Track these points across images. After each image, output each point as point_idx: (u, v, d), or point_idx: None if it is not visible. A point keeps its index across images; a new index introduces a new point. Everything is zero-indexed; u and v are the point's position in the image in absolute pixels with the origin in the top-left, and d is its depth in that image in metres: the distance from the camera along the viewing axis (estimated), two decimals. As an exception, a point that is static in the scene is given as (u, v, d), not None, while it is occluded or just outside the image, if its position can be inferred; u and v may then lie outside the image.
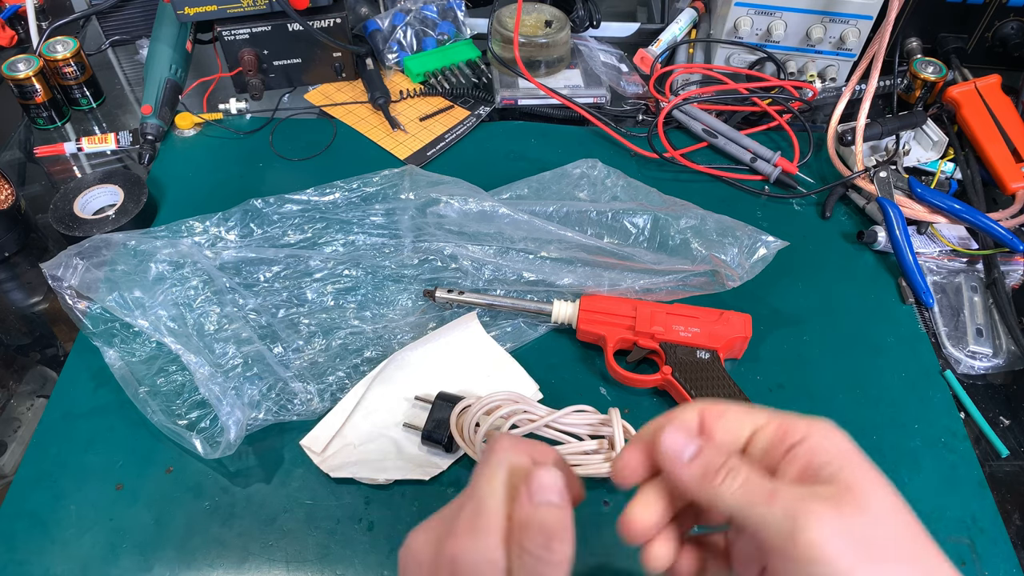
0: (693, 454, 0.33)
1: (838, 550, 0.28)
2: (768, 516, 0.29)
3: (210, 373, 0.58)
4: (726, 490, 0.31)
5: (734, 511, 0.31)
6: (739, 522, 0.31)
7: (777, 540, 0.29)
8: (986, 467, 0.57)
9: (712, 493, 0.31)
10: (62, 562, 0.51)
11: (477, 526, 0.33)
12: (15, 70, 0.81)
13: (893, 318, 0.68)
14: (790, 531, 0.28)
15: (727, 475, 0.31)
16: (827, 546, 0.28)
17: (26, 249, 0.74)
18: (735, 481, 0.31)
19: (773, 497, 0.30)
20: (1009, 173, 0.76)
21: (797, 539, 0.28)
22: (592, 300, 0.63)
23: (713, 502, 0.31)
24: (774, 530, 0.29)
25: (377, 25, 0.93)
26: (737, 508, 0.31)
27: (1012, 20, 0.88)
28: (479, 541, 0.33)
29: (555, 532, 0.32)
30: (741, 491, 0.31)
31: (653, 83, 0.88)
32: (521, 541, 0.33)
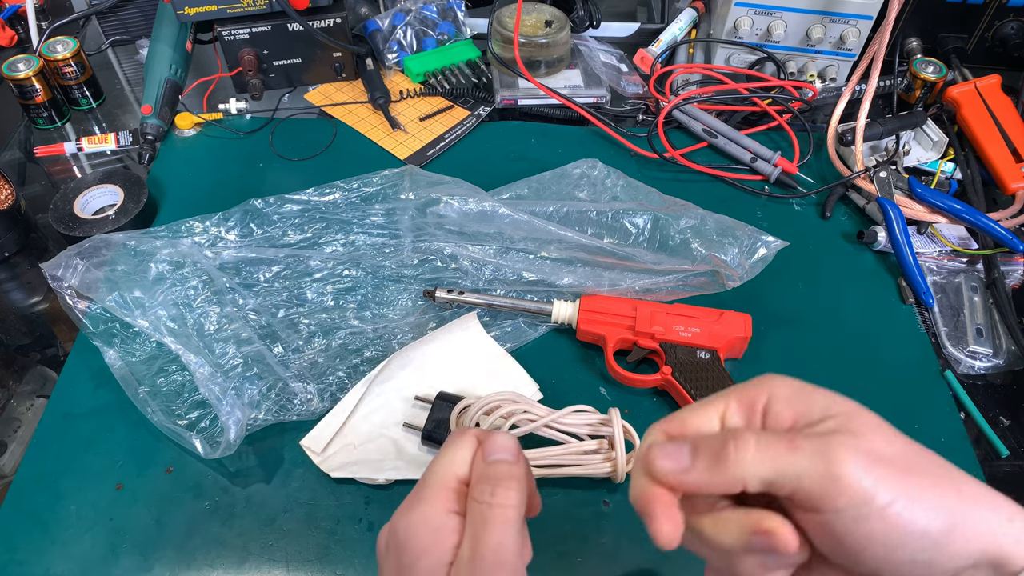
0: (690, 452, 0.31)
1: (878, 475, 0.28)
2: (799, 465, 0.28)
3: (210, 373, 0.58)
4: (744, 460, 0.29)
5: (763, 476, 0.29)
6: (773, 484, 0.29)
7: (818, 486, 0.28)
8: (986, 467, 0.57)
9: (732, 472, 0.29)
10: (62, 562, 0.51)
11: (418, 497, 0.36)
12: (15, 70, 0.81)
13: (893, 318, 0.68)
14: (826, 471, 0.28)
15: (736, 447, 0.29)
16: (866, 475, 0.27)
17: (26, 249, 0.74)
18: (747, 447, 0.29)
19: (793, 445, 0.29)
20: (1009, 173, 0.76)
21: (837, 476, 0.27)
22: (592, 300, 0.63)
23: (740, 480, 0.29)
24: (810, 477, 0.28)
25: (377, 25, 0.93)
26: (764, 471, 0.29)
27: (1012, 20, 0.88)
28: (417, 508, 0.36)
29: (500, 481, 0.35)
30: (759, 453, 0.29)
31: (653, 83, 0.88)
32: (471, 494, 0.35)
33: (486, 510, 0.34)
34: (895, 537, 0.28)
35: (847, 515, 0.28)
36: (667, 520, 0.30)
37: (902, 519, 0.28)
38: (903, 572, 0.29)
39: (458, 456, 0.37)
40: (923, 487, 0.28)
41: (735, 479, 0.29)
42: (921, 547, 0.28)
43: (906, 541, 0.28)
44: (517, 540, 0.34)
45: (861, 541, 0.28)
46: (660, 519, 0.30)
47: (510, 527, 0.34)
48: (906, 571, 0.29)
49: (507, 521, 0.34)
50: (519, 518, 0.35)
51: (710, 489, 0.30)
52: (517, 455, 0.37)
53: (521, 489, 0.36)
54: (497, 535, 0.34)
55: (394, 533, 0.36)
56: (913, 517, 0.28)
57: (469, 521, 0.35)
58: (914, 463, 0.29)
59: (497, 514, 0.34)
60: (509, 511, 0.34)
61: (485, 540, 0.33)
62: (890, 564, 0.29)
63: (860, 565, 0.29)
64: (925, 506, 0.28)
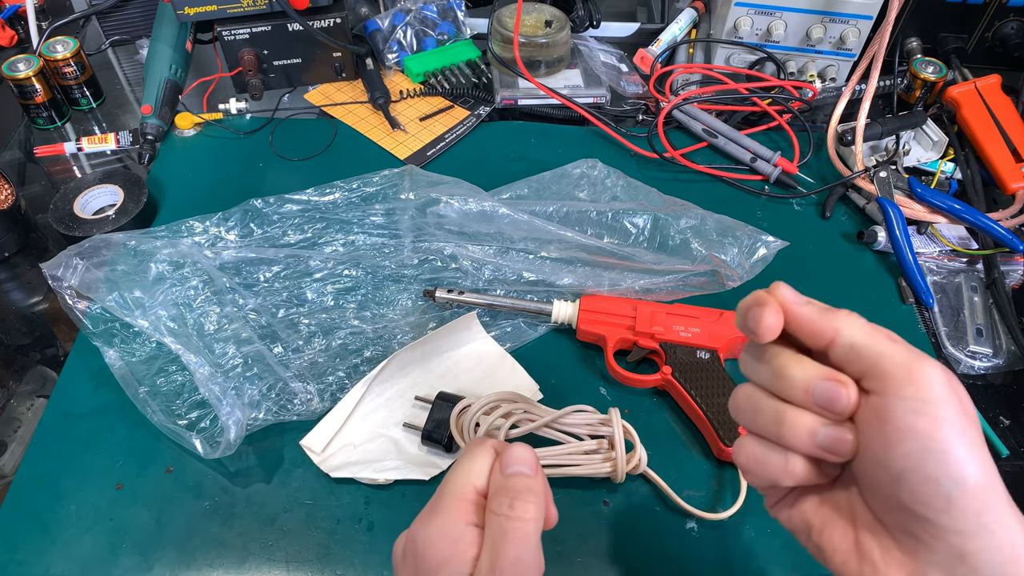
0: (806, 299, 0.34)
1: (949, 396, 0.30)
2: (889, 348, 0.31)
3: (210, 373, 0.58)
4: (847, 320, 0.32)
5: (858, 341, 0.31)
6: (858, 352, 0.31)
7: (895, 369, 0.30)
8: (986, 467, 0.57)
9: (838, 323, 0.32)
10: (62, 562, 0.51)
11: (436, 508, 0.37)
12: (15, 70, 0.81)
13: (893, 318, 0.68)
14: (908, 363, 0.30)
15: (847, 313, 0.33)
16: (940, 385, 0.30)
17: (26, 249, 0.74)
18: (855, 317, 0.33)
19: (893, 338, 0.31)
20: (1009, 173, 0.76)
21: (916, 370, 0.30)
22: (592, 300, 0.63)
23: (837, 331, 0.32)
24: (892, 360, 0.30)
25: (377, 25, 0.93)
26: (860, 337, 0.31)
27: (1012, 20, 0.88)
28: (435, 518, 0.36)
29: (518, 494, 0.35)
30: (862, 326, 0.32)
31: (653, 83, 0.88)
32: (489, 506, 0.35)
33: (505, 523, 0.35)
34: (935, 444, 0.29)
35: (905, 404, 0.30)
36: (774, 314, 0.33)
37: (950, 436, 0.29)
38: (921, 493, 0.29)
39: (476, 467, 0.38)
40: (977, 439, 0.30)
41: (832, 328, 0.32)
42: (950, 474, 0.29)
43: (944, 458, 0.29)
44: (535, 553, 0.35)
45: (905, 432, 0.29)
46: (769, 310, 0.33)
47: (528, 540, 0.34)
48: (926, 492, 0.29)
49: (526, 535, 0.34)
50: (537, 531, 0.35)
51: (809, 326, 0.33)
52: (535, 468, 0.37)
53: (539, 503, 0.36)
54: (516, 548, 0.34)
55: (412, 541, 0.37)
56: (960, 442, 0.29)
57: (488, 534, 0.35)
58: (979, 429, 0.31)
59: (516, 527, 0.34)
60: (528, 524, 0.35)
61: (504, 553, 0.34)
62: (916, 475, 0.29)
63: (890, 463, 0.30)
64: (971, 449, 0.29)
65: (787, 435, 0.33)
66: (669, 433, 0.59)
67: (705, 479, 0.56)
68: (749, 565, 0.52)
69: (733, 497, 0.54)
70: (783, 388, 0.33)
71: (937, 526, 0.29)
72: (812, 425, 0.32)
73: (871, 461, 0.31)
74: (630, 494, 0.55)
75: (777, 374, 0.33)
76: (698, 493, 0.55)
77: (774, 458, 0.34)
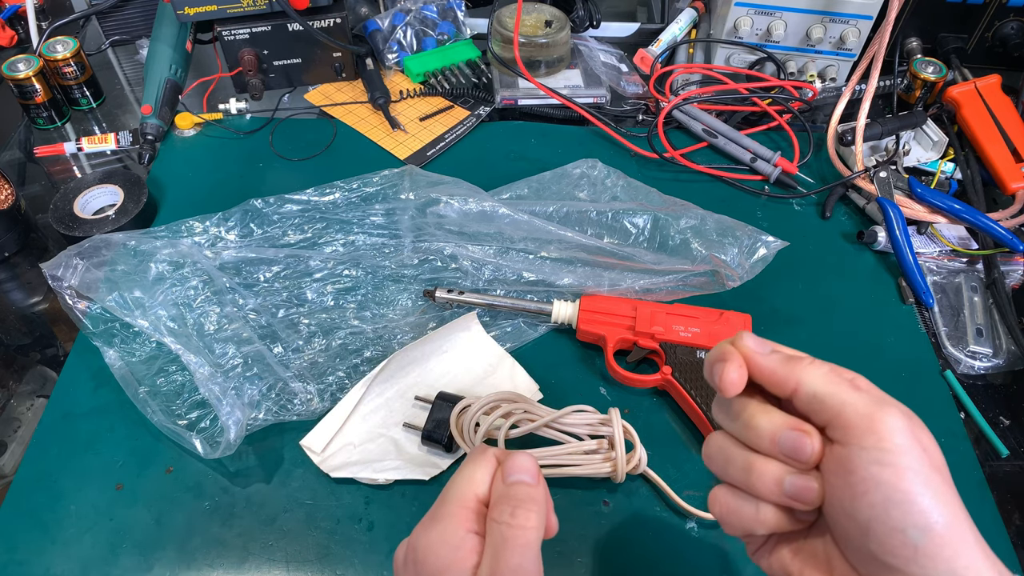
0: (770, 348, 0.35)
1: (911, 445, 0.30)
2: (850, 398, 0.31)
3: (210, 373, 0.58)
4: (810, 371, 0.33)
5: (819, 391, 0.32)
6: (821, 402, 0.32)
7: (856, 419, 0.31)
8: (986, 467, 0.57)
9: (799, 373, 0.33)
10: (62, 562, 0.51)
11: (437, 515, 0.37)
12: (15, 70, 0.81)
13: (893, 318, 0.68)
14: (868, 412, 0.31)
15: (810, 362, 0.34)
16: (901, 435, 0.30)
17: (26, 249, 0.74)
18: (819, 366, 0.33)
19: (855, 385, 0.32)
20: (1009, 173, 0.76)
21: (877, 419, 0.30)
22: (592, 300, 0.63)
23: (798, 382, 0.33)
24: (854, 410, 0.31)
25: (377, 25, 0.93)
26: (822, 387, 0.32)
27: (1012, 20, 0.88)
28: (436, 526, 0.36)
29: (520, 502, 0.35)
30: (825, 375, 0.33)
31: (653, 83, 0.88)
32: (491, 515, 0.36)
33: (506, 531, 0.35)
34: (899, 495, 0.29)
35: (868, 455, 0.30)
36: (737, 369, 0.34)
37: (913, 486, 0.29)
38: (888, 543, 0.30)
39: (477, 475, 0.38)
40: (942, 486, 0.30)
41: (794, 379, 0.33)
42: (915, 523, 0.29)
43: (908, 508, 0.29)
44: (535, 562, 0.35)
45: (869, 483, 0.30)
46: (731, 366, 0.34)
47: (529, 549, 0.34)
48: (893, 542, 0.29)
49: (527, 543, 0.34)
50: (538, 540, 0.35)
51: (771, 376, 0.34)
52: (537, 476, 0.38)
53: (540, 511, 0.36)
54: (516, 557, 0.34)
55: (413, 549, 0.37)
56: (923, 491, 0.29)
57: (489, 542, 0.35)
58: (944, 474, 0.31)
59: (517, 535, 0.34)
60: (529, 533, 0.35)
61: (505, 561, 0.34)
62: (882, 525, 0.30)
63: (857, 514, 0.30)
64: (936, 497, 0.30)
65: (756, 484, 0.34)
66: (669, 433, 0.59)
67: (705, 479, 0.56)
68: (749, 565, 0.52)
69: (733, 497, 0.54)
70: (751, 438, 0.34)
71: (906, 575, 0.30)
72: (778, 474, 0.33)
73: (839, 511, 0.31)
74: (630, 494, 0.55)
75: (745, 424, 0.34)
76: (698, 493, 0.55)
77: (746, 508, 0.35)
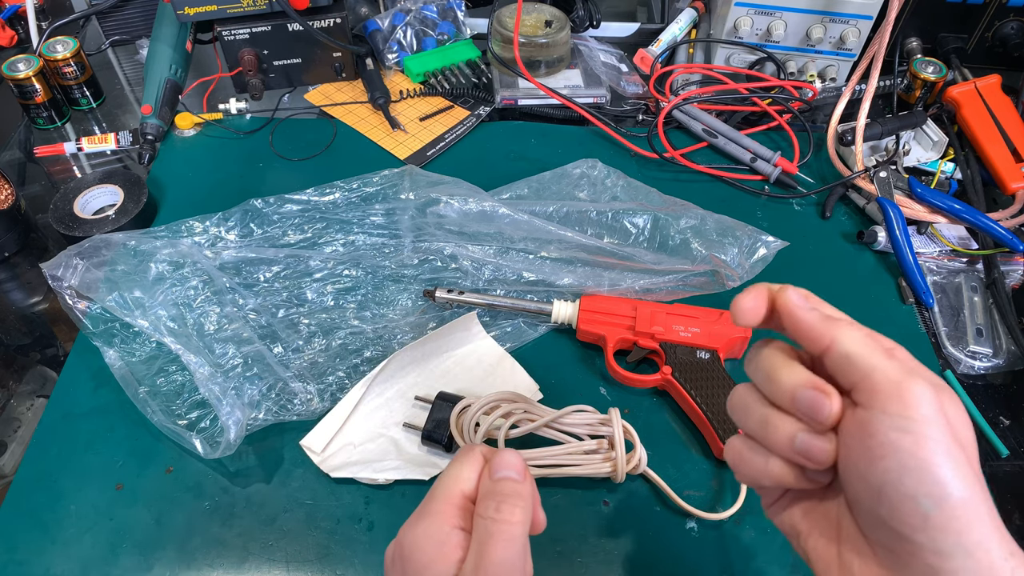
0: (812, 307, 0.35)
1: (936, 415, 0.30)
2: (882, 363, 0.31)
3: (210, 373, 0.58)
4: (846, 330, 0.33)
5: (853, 352, 0.32)
6: (852, 364, 0.32)
7: (884, 384, 0.31)
8: (986, 467, 0.57)
9: (835, 332, 0.33)
10: (62, 562, 0.51)
11: (424, 512, 0.38)
12: (15, 70, 0.81)
13: (893, 318, 0.68)
14: (898, 379, 0.30)
15: (849, 323, 0.33)
16: (927, 405, 0.30)
17: (26, 249, 0.73)
18: (856, 328, 0.33)
19: (891, 354, 0.32)
20: (1009, 173, 0.76)
21: (904, 387, 0.30)
22: (592, 300, 0.63)
23: (833, 339, 0.33)
24: (883, 375, 0.31)
25: (377, 25, 0.93)
26: (857, 350, 0.32)
27: (1012, 20, 0.88)
28: (422, 522, 0.37)
29: (505, 498, 0.36)
30: (861, 337, 0.32)
31: (653, 83, 0.88)
32: (477, 510, 0.36)
33: (491, 525, 0.35)
34: (916, 462, 0.29)
35: (889, 421, 0.30)
36: (754, 299, 0.35)
37: (932, 456, 0.29)
38: (899, 510, 0.30)
39: (464, 473, 0.38)
40: (961, 461, 0.30)
41: (829, 336, 0.33)
42: (930, 492, 0.29)
43: (923, 476, 0.29)
44: (521, 556, 0.35)
45: (887, 447, 0.30)
46: (749, 294, 0.35)
47: (514, 543, 0.35)
48: (904, 509, 0.29)
49: (512, 537, 0.35)
50: (523, 535, 0.36)
51: (808, 331, 0.34)
52: (523, 473, 0.38)
53: (526, 507, 0.36)
54: (501, 550, 0.34)
55: (400, 546, 0.37)
56: (941, 462, 0.29)
57: (474, 537, 0.35)
58: (970, 452, 0.31)
59: (502, 530, 0.35)
60: (514, 527, 0.35)
61: (489, 555, 0.34)
62: (894, 491, 0.30)
63: (870, 477, 0.30)
64: (955, 469, 0.29)
65: (769, 437, 0.34)
66: (669, 433, 0.59)
67: (705, 479, 0.56)
68: (749, 565, 0.52)
69: (733, 497, 0.54)
70: (772, 391, 0.34)
71: (914, 543, 0.30)
72: (791, 430, 0.33)
73: (854, 474, 0.31)
74: (630, 494, 0.55)
75: (768, 377, 0.34)
76: (698, 493, 0.55)
77: (757, 458, 0.35)
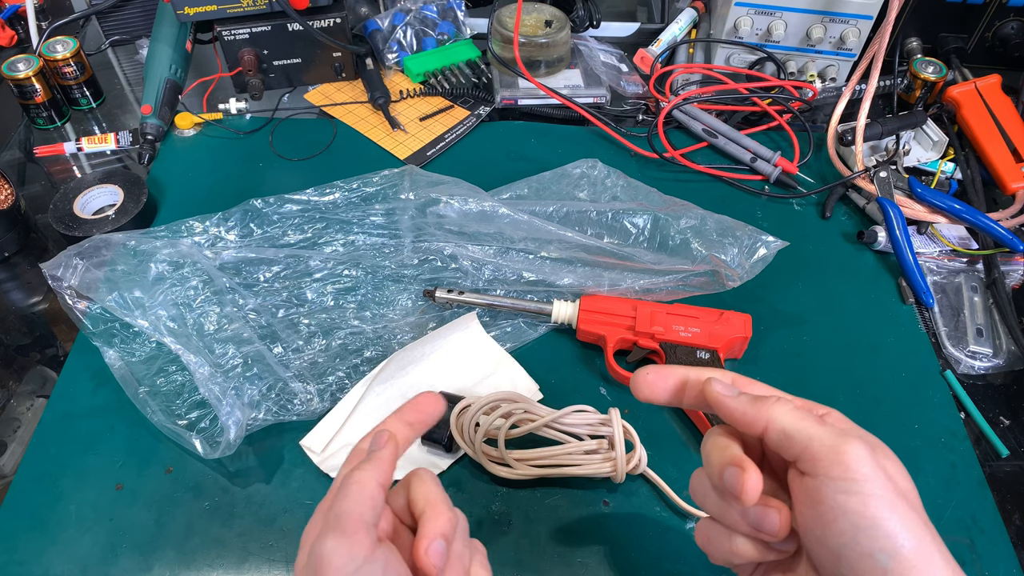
0: (737, 390, 0.37)
1: (876, 473, 0.32)
2: (818, 432, 0.33)
3: (210, 373, 0.58)
4: (776, 409, 0.34)
5: (787, 427, 0.34)
6: (790, 438, 0.34)
7: (823, 452, 0.32)
8: (986, 467, 0.57)
9: (768, 413, 0.34)
10: (62, 562, 0.51)
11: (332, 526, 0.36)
12: (15, 70, 0.81)
13: (893, 318, 0.68)
14: (835, 445, 0.32)
15: (776, 400, 0.35)
16: (866, 464, 0.32)
17: (26, 249, 0.73)
18: (786, 403, 0.35)
19: (822, 420, 0.34)
20: (1009, 173, 0.76)
21: (842, 451, 0.32)
22: (592, 300, 0.63)
23: (768, 420, 0.34)
24: (820, 443, 0.33)
25: (377, 25, 0.93)
26: (791, 424, 0.34)
27: (1012, 20, 0.88)
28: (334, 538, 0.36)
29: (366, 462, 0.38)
30: (791, 412, 0.34)
31: (653, 83, 0.88)
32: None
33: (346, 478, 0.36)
34: (865, 521, 0.31)
35: (834, 485, 0.32)
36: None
37: (879, 512, 0.31)
38: (861, 568, 0.31)
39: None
40: (907, 511, 0.31)
41: (763, 419, 0.35)
42: (884, 547, 0.30)
43: (875, 533, 0.31)
44: (368, 505, 0.35)
45: (836, 511, 0.31)
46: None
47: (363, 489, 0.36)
48: (863, 567, 0.31)
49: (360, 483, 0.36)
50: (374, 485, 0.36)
51: (742, 418, 0.35)
52: (383, 442, 0.39)
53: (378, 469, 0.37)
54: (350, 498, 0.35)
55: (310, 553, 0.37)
56: (888, 516, 0.31)
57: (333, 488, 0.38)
58: (912, 500, 0.33)
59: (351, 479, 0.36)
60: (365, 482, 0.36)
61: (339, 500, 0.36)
62: (852, 551, 0.31)
63: (827, 541, 0.32)
64: (902, 522, 0.31)
65: (726, 517, 0.36)
66: (669, 433, 0.59)
67: (705, 479, 0.56)
68: (749, 565, 0.52)
69: (733, 497, 0.54)
70: (710, 474, 0.36)
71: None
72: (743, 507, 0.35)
73: (813, 539, 0.33)
74: (630, 494, 0.55)
75: (706, 461, 0.37)
76: (698, 493, 0.55)
77: (723, 539, 0.37)
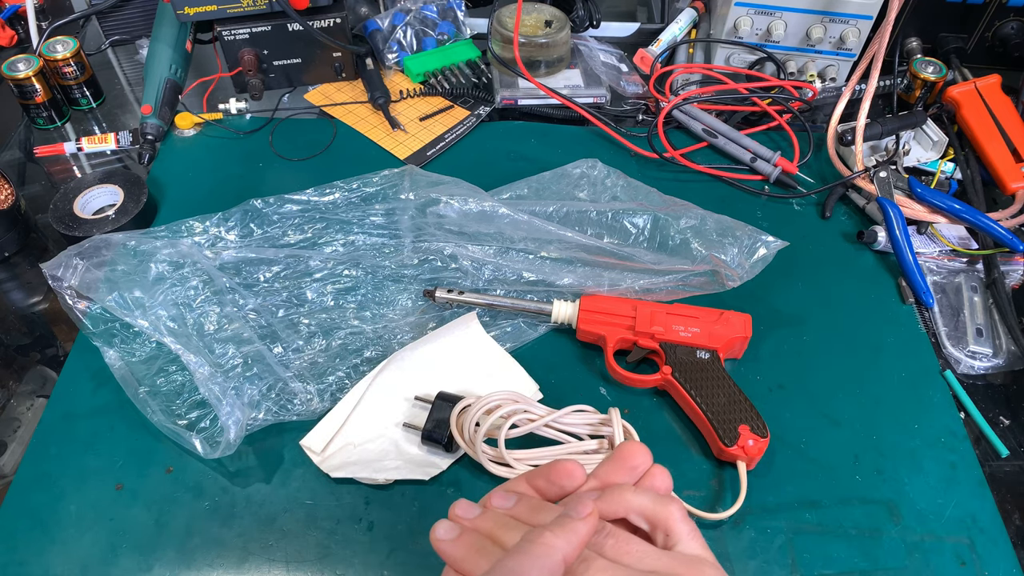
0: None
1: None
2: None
3: (210, 373, 0.58)
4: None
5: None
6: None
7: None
8: (986, 467, 0.57)
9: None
10: (62, 562, 0.51)
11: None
12: (15, 70, 0.81)
13: (893, 318, 0.68)
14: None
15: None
16: None
17: (26, 249, 0.73)
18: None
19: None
20: (1009, 173, 0.76)
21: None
22: (592, 300, 0.63)
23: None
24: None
25: (377, 25, 0.93)
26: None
27: (1012, 20, 0.88)
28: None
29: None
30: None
31: (653, 83, 0.88)
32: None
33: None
34: None
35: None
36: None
37: None
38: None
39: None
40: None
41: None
42: None
43: None
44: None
45: None
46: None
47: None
48: None
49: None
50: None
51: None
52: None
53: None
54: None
55: None
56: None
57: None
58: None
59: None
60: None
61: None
62: None
63: None
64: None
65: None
66: (669, 433, 0.59)
67: (705, 479, 0.56)
68: (749, 565, 0.52)
69: (733, 497, 0.54)
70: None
71: None
72: None
73: None
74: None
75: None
76: (698, 493, 0.55)
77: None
